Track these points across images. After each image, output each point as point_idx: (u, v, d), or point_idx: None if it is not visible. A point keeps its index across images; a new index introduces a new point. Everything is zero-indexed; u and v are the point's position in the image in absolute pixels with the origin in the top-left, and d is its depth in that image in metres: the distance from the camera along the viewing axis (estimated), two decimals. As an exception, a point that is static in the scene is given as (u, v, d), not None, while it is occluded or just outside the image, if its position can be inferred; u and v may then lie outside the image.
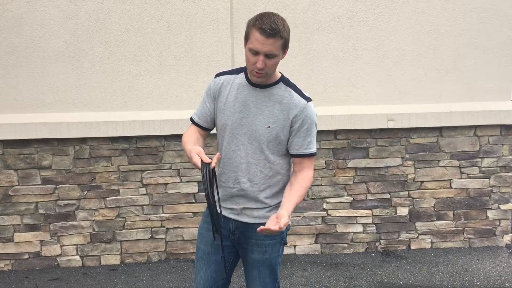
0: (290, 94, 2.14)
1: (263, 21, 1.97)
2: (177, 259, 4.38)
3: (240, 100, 2.16)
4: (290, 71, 4.25)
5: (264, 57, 1.99)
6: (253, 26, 2.00)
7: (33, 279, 4.03)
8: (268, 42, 1.96)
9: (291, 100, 2.13)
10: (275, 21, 1.98)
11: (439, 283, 3.88)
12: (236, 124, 2.15)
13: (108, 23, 4.16)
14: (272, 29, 1.96)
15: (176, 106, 4.28)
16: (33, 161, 4.15)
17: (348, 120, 4.35)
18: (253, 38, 1.99)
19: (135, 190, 4.28)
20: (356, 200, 4.51)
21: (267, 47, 1.97)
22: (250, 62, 2.04)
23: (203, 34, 4.26)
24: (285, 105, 2.12)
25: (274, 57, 2.02)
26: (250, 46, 2.01)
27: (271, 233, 1.93)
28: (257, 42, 1.97)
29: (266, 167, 2.16)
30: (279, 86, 2.15)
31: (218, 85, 2.22)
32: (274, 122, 2.11)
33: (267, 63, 2.01)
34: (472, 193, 4.60)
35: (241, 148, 2.15)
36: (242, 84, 2.18)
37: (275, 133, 2.12)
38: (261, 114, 2.12)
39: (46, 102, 4.17)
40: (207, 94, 2.25)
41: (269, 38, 1.96)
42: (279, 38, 1.99)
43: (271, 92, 2.14)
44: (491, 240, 4.66)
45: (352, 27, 4.39)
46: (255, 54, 2.00)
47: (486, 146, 4.57)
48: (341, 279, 3.97)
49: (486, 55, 4.52)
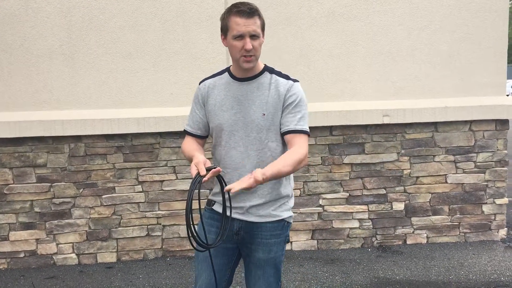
0: (276, 79, 2.17)
1: (238, 6, 2.03)
2: (174, 256, 4.38)
3: (230, 97, 2.16)
4: (285, 67, 4.25)
5: (249, 38, 2.03)
6: (230, 14, 2.04)
7: (29, 277, 4.02)
8: (250, 22, 2.01)
9: (278, 83, 2.15)
10: (249, 3, 2.05)
11: (435, 277, 3.90)
12: (231, 121, 2.15)
13: (102, 20, 4.14)
14: (250, 9, 2.02)
15: (171, 103, 4.27)
16: (28, 159, 4.14)
17: (344, 116, 4.35)
18: (234, 24, 2.02)
19: (131, 188, 4.27)
20: (352, 195, 4.52)
21: (250, 27, 2.01)
22: (237, 49, 2.05)
23: (198, 31, 4.25)
24: (273, 89, 2.14)
25: (258, 37, 2.06)
26: (233, 33, 2.03)
27: (243, 189, 1.86)
28: (239, 26, 2.01)
29: (268, 155, 2.14)
30: (265, 75, 2.18)
31: (205, 89, 2.23)
32: (267, 108, 2.12)
33: (254, 44, 2.04)
34: (468, 188, 4.62)
35: (239, 143, 2.14)
36: (228, 82, 2.19)
37: (271, 118, 2.13)
38: (253, 104, 2.13)
39: (40, 100, 4.16)
40: (195, 102, 2.26)
41: (249, 18, 2.01)
42: (258, 17, 2.04)
43: (259, 82, 2.16)
44: (486, 235, 4.68)
45: (347, 22, 4.39)
46: (240, 39, 2.03)
47: (481, 141, 4.59)
48: (337, 274, 3.98)
49: (481, 50, 4.53)
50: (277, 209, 2.19)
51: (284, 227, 2.24)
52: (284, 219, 2.23)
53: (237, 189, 1.84)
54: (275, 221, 2.20)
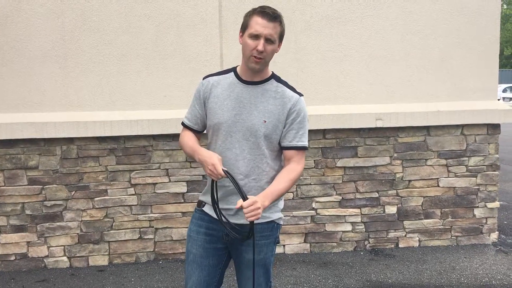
0: (283, 89, 2.18)
1: (264, 8, 2.06)
2: (166, 259, 4.36)
3: (233, 98, 2.16)
4: (279, 70, 4.23)
5: (264, 41, 2.04)
6: (253, 13, 2.07)
7: (20, 280, 3.98)
8: (270, 25, 2.04)
9: (284, 94, 2.17)
10: (275, 10, 2.08)
11: (427, 281, 3.91)
12: (230, 122, 2.14)
13: (95, 22, 4.13)
14: (274, 13, 2.05)
15: (164, 105, 4.26)
16: (20, 161, 4.10)
17: (337, 119, 4.36)
18: (254, 22, 2.05)
19: (123, 190, 4.25)
20: (345, 199, 4.53)
21: (268, 30, 2.03)
22: (250, 47, 2.06)
23: (192, 34, 4.24)
24: (279, 100, 2.15)
25: (273, 43, 2.07)
26: (251, 31, 2.05)
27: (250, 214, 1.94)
28: (259, 26, 2.03)
29: (263, 162, 2.16)
30: (271, 82, 2.19)
31: (207, 86, 2.22)
32: (269, 116, 2.13)
33: (267, 48, 2.06)
34: (459, 192, 4.64)
35: (236, 146, 2.14)
36: (234, 82, 2.18)
37: (271, 127, 2.13)
38: (256, 109, 2.13)
39: (32, 101, 4.13)
40: (196, 97, 2.26)
41: (270, 21, 2.04)
42: (279, 24, 2.07)
43: (264, 88, 2.16)
44: (478, 238, 4.71)
45: (340, 26, 4.40)
46: (255, 39, 2.04)
47: (473, 145, 4.62)
48: (330, 278, 3.98)
49: (473, 55, 4.56)
50: (266, 211, 2.20)
51: (273, 228, 2.26)
52: (273, 220, 2.25)
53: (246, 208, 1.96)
54: (265, 223, 2.21)
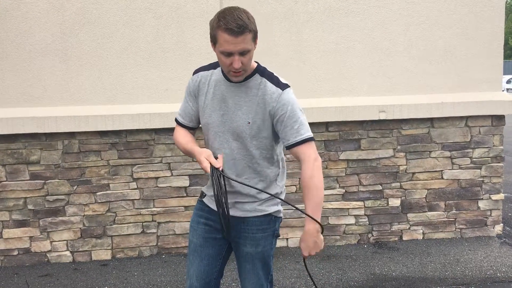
0: (265, 85, 2.07)
1: (227, 21, 1.87)
2: (169, 253, 4.36)
3: (218, 97, 2.11)
4: (281, 62, 4.23)
5: (238, 56, 1.93)
6: (218, 28, 1.90)
7: (23, 275, 3.99)
8: (238, 40, 1.88)
9: (266, 91, 2.06)
10: (239, 17, 1.89)
11: (431, 273, 3.89)
12: (217, 122, 2.11)
13: (95, 15, 4.10)
14: (239, 27, 1.87)
15: (166, 99, 4.23)
16: (21, 156, 4.09)
17: (340, 112, 4.33)
18: (222, 40, 1.90)
19: (126, 185, 4.24)
20: (348, 192, 4.50)
21: (239, 46, 1.90)
22: (226, 64, 1.96)
23: (193, 27, 4.21)
24: (260, 98, 2.06)
25: (248, 52, 1.95)
26: (221, 49, 1.93)
27: None
28: (227, 44, 1.89)
29: (253, 162, 2.14)
30: (255, 78, 2.08)
31: (196, 83, 2.17)
32: (253, 117, 2.07)
33: (243, 60, 1.94)
34: (464, 184, 4.61)
35: (225, 146, 2.12)
36: (219, 80, 2.12)
37: (256, 127, 2.08)
38: (240, 110, 2.08)
39: (33, 96, 4.11)
40: (187, 92, 2.22)
41: (238, 36, 1.88)
42: (248, 33, 1.90)
43: (247, 86, 2.08)
44: (482, 231, 4.68)
45: (343, 18, 4.36)
46: (228, 56, 1.93)
47: (477, 137, 4.58)
48: (333, 271, 3.97)
49: (477, 46, 4.51)
50: (262, 204, 2.19)
51: (271, 221, 2.24)
52: (271, 213, 2.23)
53: (312, 253, 2.20)
54: (261, 216, 2.20)
